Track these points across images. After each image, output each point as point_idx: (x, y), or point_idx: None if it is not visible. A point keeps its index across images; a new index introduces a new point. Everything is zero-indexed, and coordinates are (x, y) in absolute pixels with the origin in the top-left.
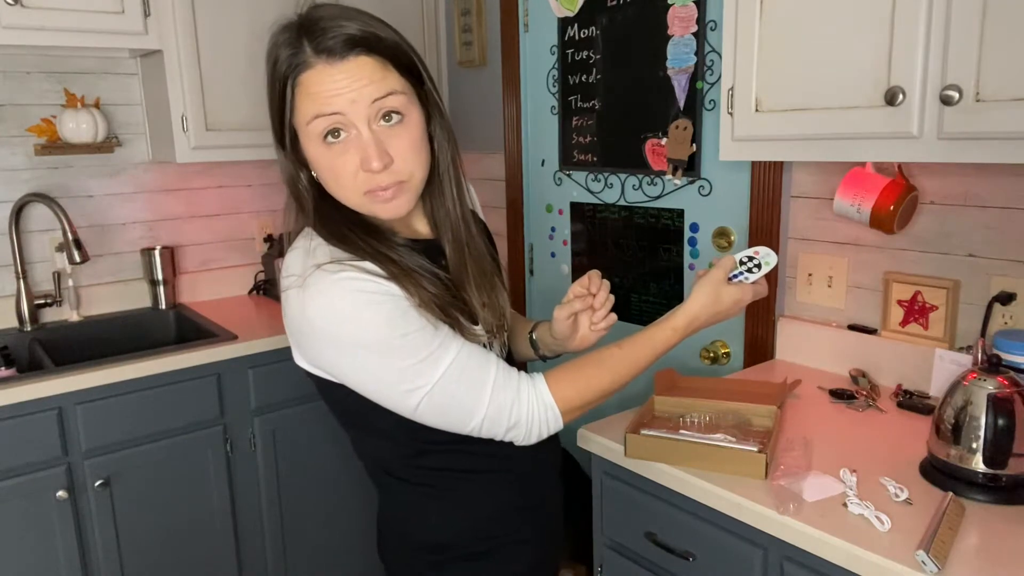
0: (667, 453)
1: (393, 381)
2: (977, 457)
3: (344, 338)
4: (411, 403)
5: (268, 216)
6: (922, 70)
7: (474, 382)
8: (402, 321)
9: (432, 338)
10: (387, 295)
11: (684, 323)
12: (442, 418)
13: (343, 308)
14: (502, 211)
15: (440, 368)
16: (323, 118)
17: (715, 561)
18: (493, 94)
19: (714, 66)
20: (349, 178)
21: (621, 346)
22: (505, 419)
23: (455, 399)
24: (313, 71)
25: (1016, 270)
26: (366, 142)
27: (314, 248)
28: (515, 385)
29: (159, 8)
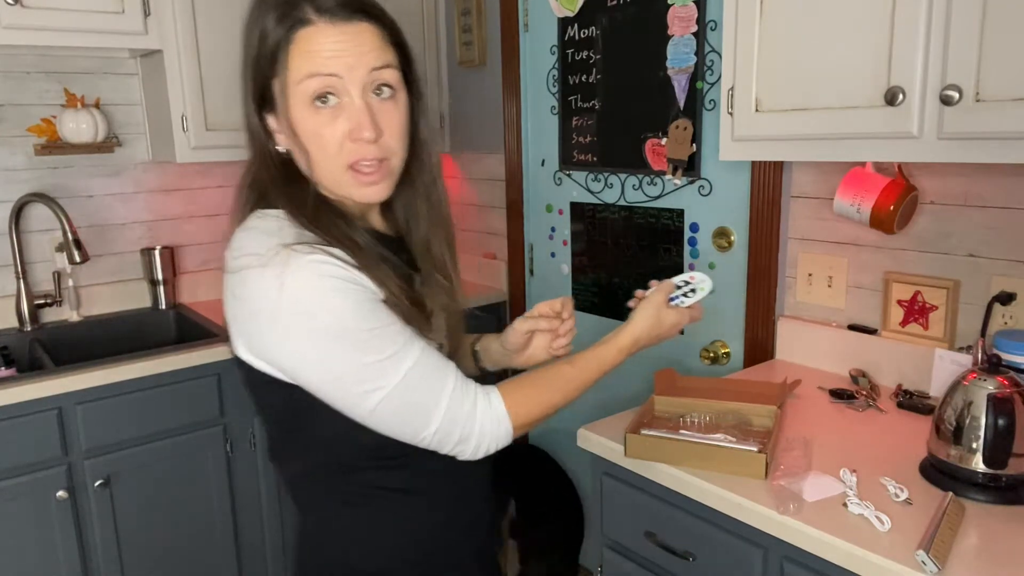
0: (667, 453)
1: (354, 378)
2: (977, 457)
3: (310, 325)
4: (369, 403)
5: None
6: (922, 70)
7: (433, 388)
8: (371, 314)
9: (397, 336)
10: (357, 284)
11: (629, 343)
12: (397, 423)
13: (313, 293)
14: (502, 211)
15: (403, 368)
16: (318, 78)
17: (715, 561)
18: (493, 94)
19: (714, 66)
20: (335, 147)
21: (573, 364)
22: (458, 430)
23: (413, 404)
24: (313, 28)
25: (1016, 270)
26: (359, 110)
27: (279, 228)
28: (472, 396)
29: (159, 8)
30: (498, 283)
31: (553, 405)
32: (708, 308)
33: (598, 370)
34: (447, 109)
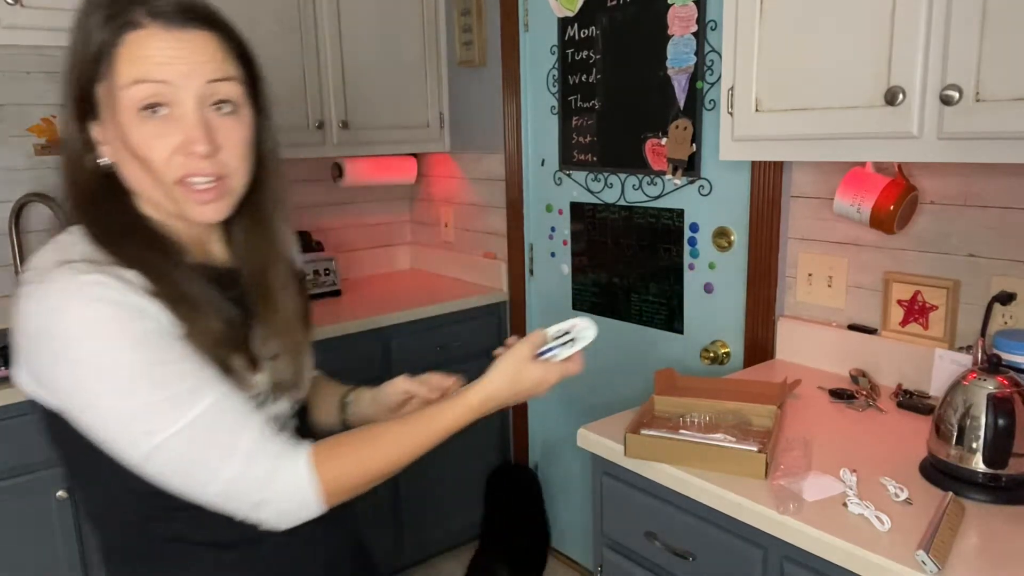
0: (667, 453)
1: (125, 418)
2: (977, 457)
3: (78, 353)
4: (141, 450)
5: None
6: (922, 70)
7: (223, 443)
8: (154, 346)
9: (186, 377)
10: (141, 312)
11: (478, 402)
12: (174, 476)
13: (83, 316)
14: (502, 211)
15: (187, 415)
16: (147, 84)
17: (715, 561)
18: (493, 94)
19: (714, 66)
20: (161, 162)
21: (406, 423)
22: (252, 495)
23: (195, 457)
24: (144, 32)
25: (1016, 270)
26: (192, 122)
27: (71, 244)
28: (273, 458)
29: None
30: (498, 283)
31: (376, 471)
32: (708, 308)
33: (436, 432)
34: (447, 109)
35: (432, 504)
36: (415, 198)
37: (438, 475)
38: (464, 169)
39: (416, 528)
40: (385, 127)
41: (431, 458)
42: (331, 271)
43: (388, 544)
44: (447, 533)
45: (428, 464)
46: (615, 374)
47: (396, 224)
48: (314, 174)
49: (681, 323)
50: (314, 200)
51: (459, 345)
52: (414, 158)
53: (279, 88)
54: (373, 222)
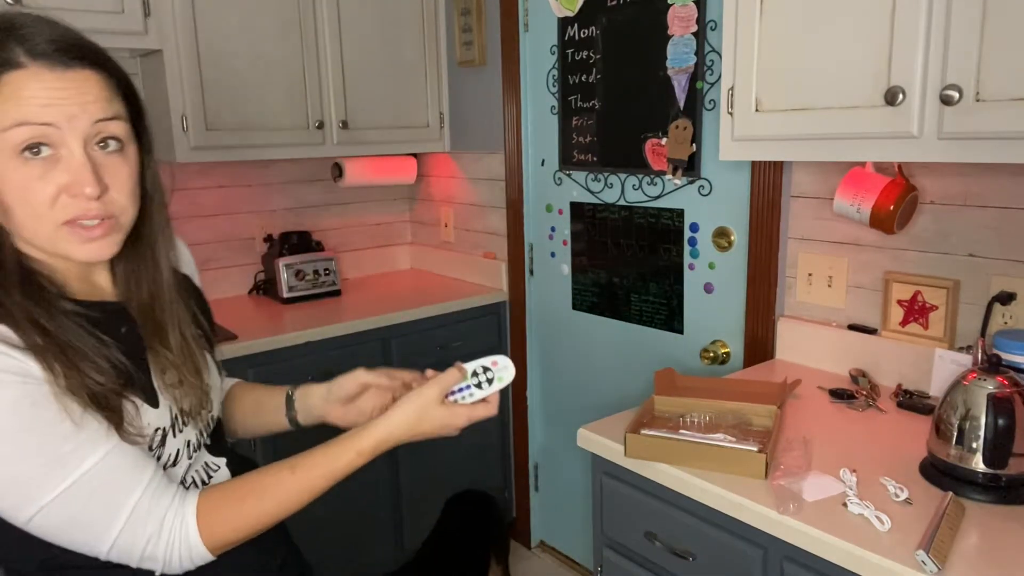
0: (667, 453)
1: (6, 483)
2: (977, 457)
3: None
4: (24, 514)
5: (268, 216)
6: (922, 70)
7: (109, 504)
8: (30, 410)
9: (67, 438)
10: (15, 374)
11: (371, 446)
12: (61, 537)
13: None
14: (502, 211)
15: (67, 478)
16: (28, 127)
17: (715, 561)
18: (493, 94)
19: (714, 66)
20: (45, 205)
21: (295, 470)
22: (138, 551)
23: (80, 519)
24: (25, 72)
25: (1016, 270)
26: (79, 163)
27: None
28: (160, 515)
29: (159, 8)
30: (498, 283)
31: (262, 522)
32: (708, 308)
33: (329, 476)
34: (447, 109)
35: (432, 504)
36: (415, 198)
37: (438, 475)
38: (464, 169)
39: (416, 528)
40: (385, 127)
41: (431, 458)
42: (331, 271)
43: (388, 544)
44: None
45: (428, 464)
46: (615, 374)
47: (396, 224)
48: (314, 174)
49: (681, 323)
50: (314, 200)
51: (459, 345)
52: (414, 158)
53: (279, 88)
54: (373, 222)
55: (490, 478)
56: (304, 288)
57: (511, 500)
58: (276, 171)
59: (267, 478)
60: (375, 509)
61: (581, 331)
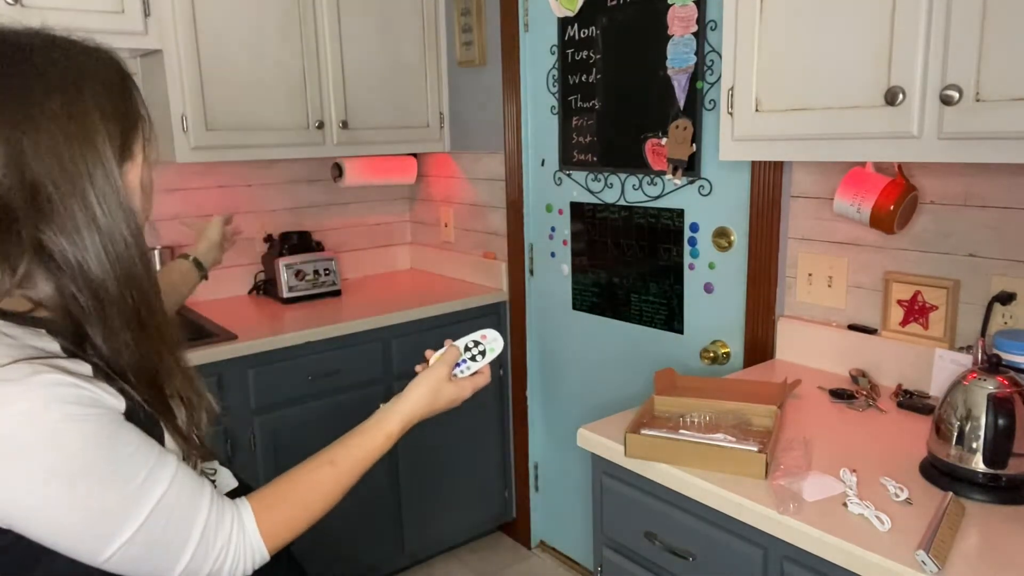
0: (667, 453)
1: (85, 524)
2: (977, 457)
3: (35, 463)
4: (104, 552)
5: (268, 216)
6: (922, 70)
7: (183, 525)
8: (109, 442)
9: (140, 464)
10: (90, 406)
11: (398, 428)
12: (138, 568)
13: (41, 423)
14: (502, 211)
15: (146, 507)
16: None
17: (715, 561)
18: (493, 94)
19: (714, 66)
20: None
21: (335, 463)
22: (207, 569)
23: (158, 547)
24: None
25: (1016, 270)
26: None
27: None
28: (228, 527)
29: (159, 8)
30: (498, 283)
31: (315, 515)
32: (708, 308)
33: (364, 462)
34: (447, 109)
35: (432, 504)
36: (415, 198)
37: (438, 475)
38: (464, 169)
39: (416, 528)
40: (385, 127)
41: (431, 458)
42: (331, 271)
43: (388, 544)
44: (447, 533)
45: (428, 464)
46: (615, 374)
47: (396, 224)
48: (314, 174)
49: (681, 323)
50: (314, 200)
51: None
52: (414, 158)
53: (280, 88)
54: (373, 222)
55: (490, 478)
56: (304, 288)
57: (511, 500)
58: (276, 171)
59: (311, 474)
60: (375, 509)
61: (581, 331)
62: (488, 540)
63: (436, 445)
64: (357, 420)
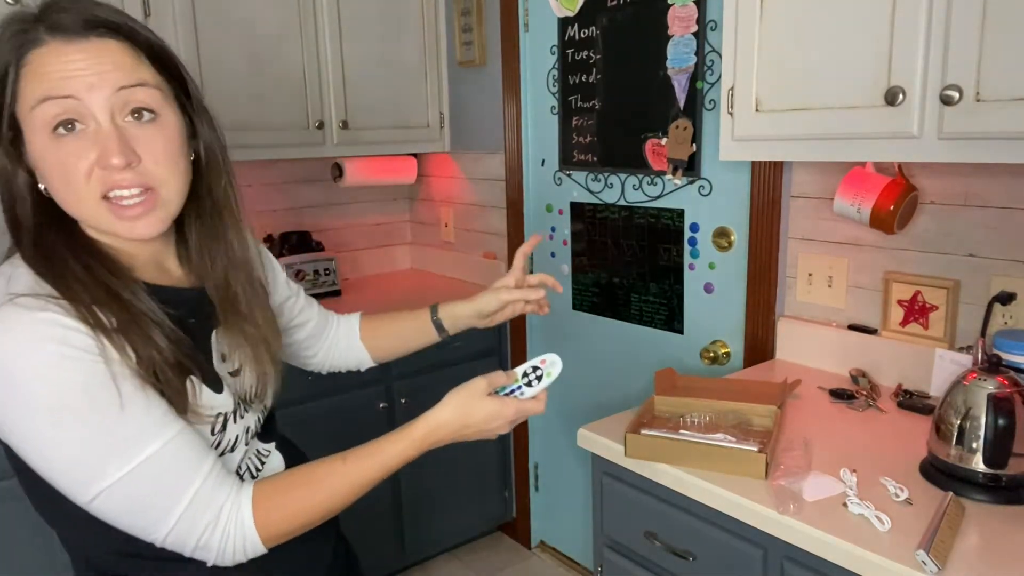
0: (667, 453)
1: (71, 462)
2: (977, 457)
3: (24, 394)
4: (88, 493)
5: (268, 216)
6: (922, 70)
7: (170, 489)
8: (100, 390)
9: (134, 420)
10: (89, 352)
11: (422, 435)
12: (120, 519)
13: (33, 356)
14: (502, 211)
15: (135, 458)
16: (53, 101)
17: (715, 561)
18: (493, 94)
19: (714, 66)
20: (81, 178)
21: (346, 460)
22: (194, 539)
23: (141, 504)
24: (45, 48)
25: (1016, 270)
26: (106, 134)
27: (12, 276)
28: (219, 504)
29: (159, 8)
30: None
31: (316, 512)
32: (708, 308)
33: (381, 466)
34: (447, 109)
35: (432, 504)
36: (415, 198)
37: (438, 475)
38: (464, 169)
39: (416, 528)
40: (385, 127)
41: (431, 459)
42: (331, 271)
43: (388, 544)
44: (447, 533)
45: (428, 465)
46: (615, 374)
47: (396, 224)
48: (314, 174)
49: (681, 323)
50: (314, 200)
51: (459, 346)
52: (414, 158)
53: (279, 88)
54: (373, 222)
55: (490, 478)
56: (304, 288)
57: (511, 500)
58: (276, 171)
59: (319, 469)
60: (375, 509)
61: (581, 331)
62: (488, 540)
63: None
64: (357, 420)
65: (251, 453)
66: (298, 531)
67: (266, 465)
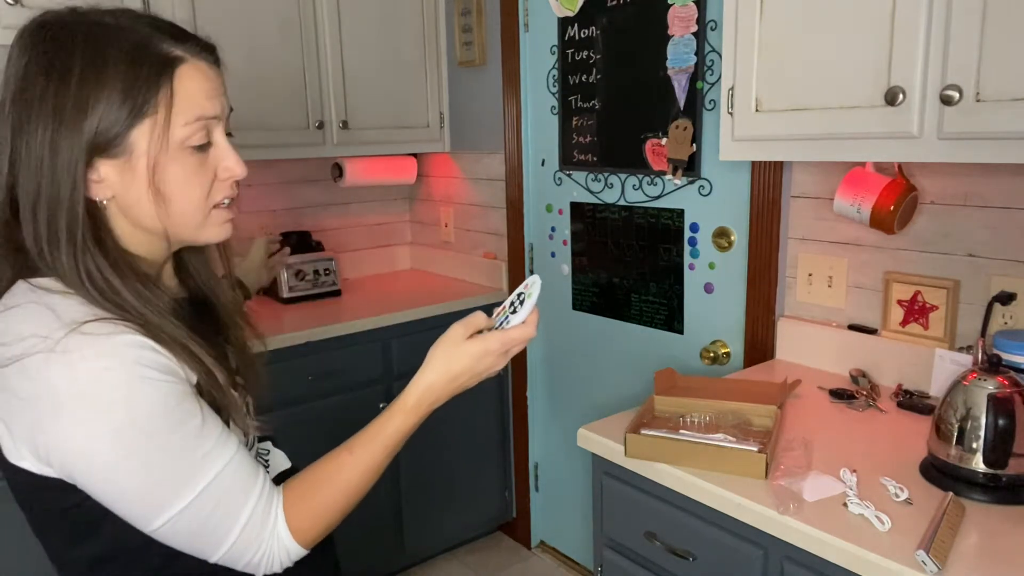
0: (667, 453)
1: (143, 489)
2: (977, 457)
3: (106, 420)
4: (159, 519)
5: (268, 216)
6: (922, 70)
7: (230, 510)
8: (178, 411)
9: (204, 441)
10: (165, 373)
11: (414, 402)
12: (185, 541)
13: (118, 380)
14: (502, 211)
15: (201, 483)
16: (203, 121)
17: (715, 561)
18: (493, 94)
19: (714, 66)
20: (203, 192)
21: (352, 451)
22: (248, 557)
23: (207, 523)
24: (199, 65)
25: (1016, 270)
26: (227, 148)
27: (64, 303)
28: (271, 522)
29: (159, 8)
30: (498, 283)
31: (341, 510)
32: (708, 308)
33: (384, 446)
34: (447, 109)
35: (432, 504)
36: (415, 198)
37: (439, 476)
38: (464, 169)
39: (416, 528)
40: (385, 127)
41: (431, 458)
42: (331, 271)
43: (388, 544)
44: (447, 533)
45: (429, 464)
46: (615, 374)
47: (396, 224)
48: (314, 174)
49: (681, 323)
50: (314, 200)
51: None
52: (414, 158)
53: (279, 88)
54: (373, 222)
55: (490, 478)
56: (304, 288)
57: (511, 500)
58: (276, 171)
59: (329, 465)
60: (375, 509)
61: (581, 331)
62: (488, 540)
63: (436, 445)
64: (357, 420)
65: (255, 453)
66: (329, 529)
67: (270, 463)
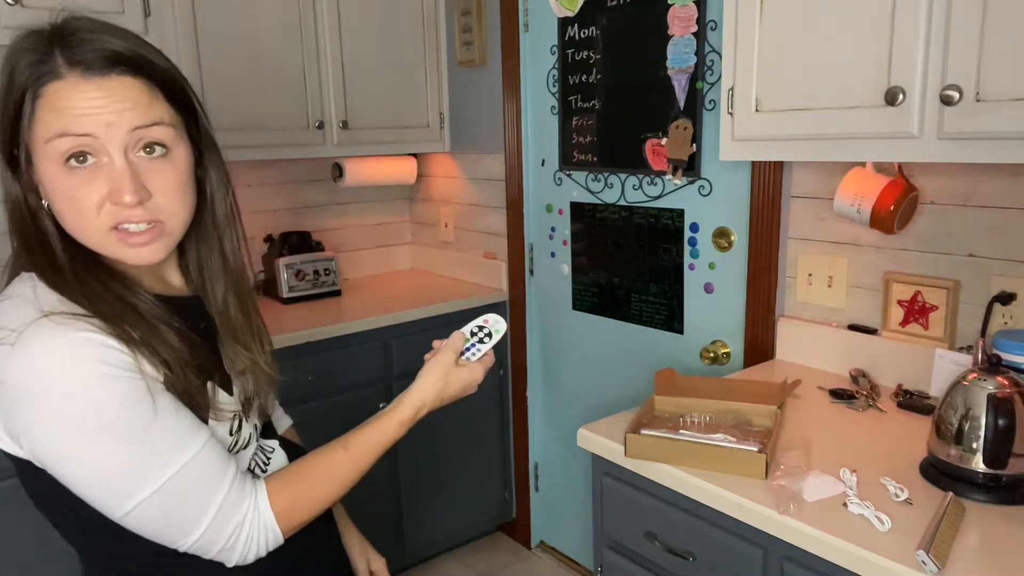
0: (667, 453)
1: (108, 478)
2: (977, 457)
3: (64, 411)
4: (123, 508)
5: (268, 216)
6: (922, 70)
7: (201, 497)
8: (138, 404)
9: (169, 432)
10: (126, 369)
11: (411, 415)
12: (153, 530)
13: (75, 373)
14: (502, 211)
15: (169, 470)
16: (69, 138)
17: (715, 561)
18: (493, 94)
19: (714, 66)
20: (91, 212)
21: (348, 448)
22: (221, 542)
23: (175, 513)
24: (63, 83)
25: (1016, 270)
26: (119, 171)
27: (34, 295)
28: (244, 508)
29: (159, 8)
30: (498, 283)
31: (327, 499)
32: (708, 308)
33: (377, 449)
34: (447, 109)
35: (432, 504)
36: (415, 198)
37: (438, 476)
38: (464, 169)
39: (416, 528)
40: (385, 127)
41: (431, 458)
42: (331, 271)
43: (388, 544)
44: (447, 533)
45: (429, 464)
46: (615, 374)
47: (396, 224)
48: (314, 174)
49: (681, 323)
50: (314, 200)
51: None
52: (414, 158)
53: (279, 88)
54: (373, 222)
55: (490, 478)
56: (304, 288)
57: (511, 500)
58: (276, 171)
59: (324, 458)
60: (375, 509)
61: (581, 331)
62: (488, 540)
63: (436, 445)
64: (357, 420)
65: (257, 450)
66: (311, 518)
67: (271, 460)
